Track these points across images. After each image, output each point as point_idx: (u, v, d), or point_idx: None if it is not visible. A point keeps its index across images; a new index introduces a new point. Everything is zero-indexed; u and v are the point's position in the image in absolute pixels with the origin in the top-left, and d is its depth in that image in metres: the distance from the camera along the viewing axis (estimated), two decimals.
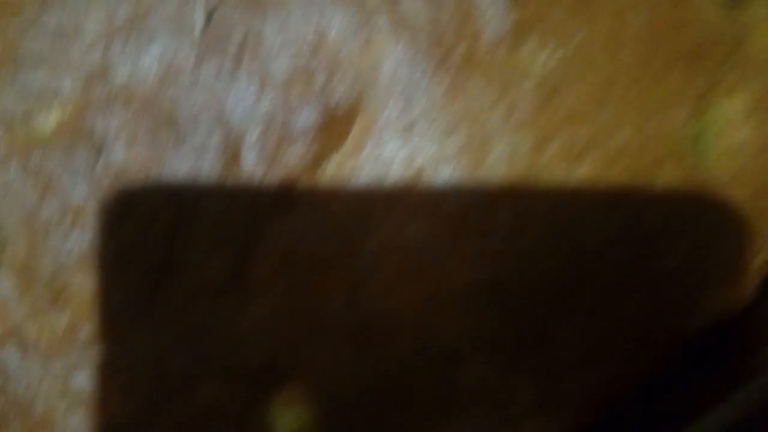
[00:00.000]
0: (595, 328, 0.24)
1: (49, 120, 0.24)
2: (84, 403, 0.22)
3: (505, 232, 0.23)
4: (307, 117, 0.23)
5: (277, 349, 0.23)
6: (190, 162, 0.23)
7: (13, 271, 0.22)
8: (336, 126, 0.24)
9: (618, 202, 0.23)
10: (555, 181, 0.23)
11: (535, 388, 0.23)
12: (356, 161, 0.24)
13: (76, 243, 0.23)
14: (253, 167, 0.23)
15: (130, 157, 0.23)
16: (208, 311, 0.22)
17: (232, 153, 0.23)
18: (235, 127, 0.24)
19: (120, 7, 0.24)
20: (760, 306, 0.26)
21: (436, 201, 0.23)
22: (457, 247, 0.23)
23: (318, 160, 0.24)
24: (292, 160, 0.23)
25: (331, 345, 0.23)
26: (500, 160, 0.23)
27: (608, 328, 0.24)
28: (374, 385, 0.23)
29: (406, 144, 0.23)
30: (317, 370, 0.23)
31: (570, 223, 0.23)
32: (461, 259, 0.23)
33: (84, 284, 0.23)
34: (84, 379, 0.22)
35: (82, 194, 0.23)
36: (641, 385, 0.25)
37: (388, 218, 0.23)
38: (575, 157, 0.23)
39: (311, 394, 0.23)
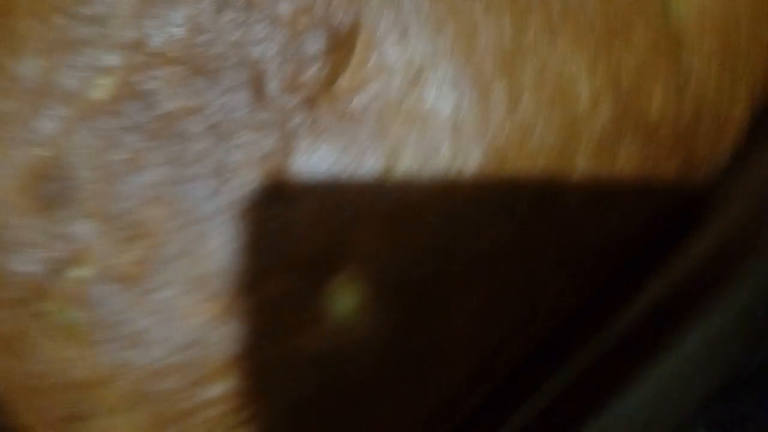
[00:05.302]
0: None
1: (101, 91, 0.28)
2: (164, 315, 0.26)
3: (504, 107, 0.26)
4: (315, 44, 0.27)
5: (325, 242, 0.26)
6: (224, 100, 0.27)
7: (92, 216, 0.26)
8: (341, 46, 0.27)
9: (596, 67, 0.26)
10: (541, 55, 0.26)
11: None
12: (364, 74, 0.27)
13: (141, 183, 0.26)
14: (277, 96, 0.27)
15: (175, 105, 0.27)
16: (262, 217, 0.26)
17: (258, 87, 0.27)
18: (256, 65, 0.27)
19: None
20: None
21: (436, 97, 0.27)
22: (461, 132, 0.26)
23: (331, 79, 0.27)
24: (309, 83, 0.27)
25: (368, 235, 0.26)
26: (489, 46, 0.26)
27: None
28: (409, 269, 0.26)
29: (404, 49, 0.27)
30: (361, 257, 0.26)
31: (565, 89, 0.26)
32: (468, 139, 0.27)
33: (153, 218, 0.26)
34: (167, 294, 0.26)
35: (140, 143, 0.27)
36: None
37: (398, 119, 0.27)
38: (552, 31, 0.26)
39: (359, 278, 0.26)
